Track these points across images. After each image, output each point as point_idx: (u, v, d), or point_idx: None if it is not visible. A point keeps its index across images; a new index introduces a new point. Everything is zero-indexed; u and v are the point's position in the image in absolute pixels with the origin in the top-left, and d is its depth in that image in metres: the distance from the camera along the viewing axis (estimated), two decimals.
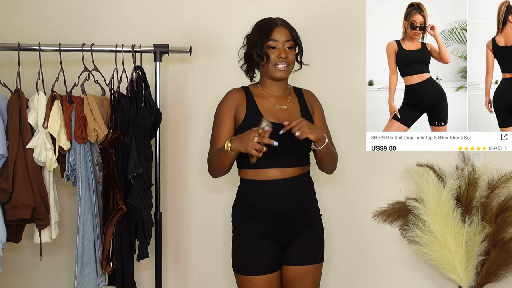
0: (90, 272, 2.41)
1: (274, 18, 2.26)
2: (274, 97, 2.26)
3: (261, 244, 2.16)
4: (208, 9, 2.80)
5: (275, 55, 2.18)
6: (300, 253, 2.20)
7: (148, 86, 2.51)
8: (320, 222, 2.30)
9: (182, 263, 2.86)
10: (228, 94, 2.27)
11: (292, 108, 2.26)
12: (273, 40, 2.18)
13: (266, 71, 2.22)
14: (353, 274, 2.88)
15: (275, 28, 2.20)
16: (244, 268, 2.17)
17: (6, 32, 2.74)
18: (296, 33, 2.25)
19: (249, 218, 2.19)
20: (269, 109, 2.22)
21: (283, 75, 2.20)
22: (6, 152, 2.30)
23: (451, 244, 2.62)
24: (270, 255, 2.17)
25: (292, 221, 2.19)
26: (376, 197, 2.85)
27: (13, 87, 2.42)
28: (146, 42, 2.59)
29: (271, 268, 2.16)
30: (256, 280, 2.14)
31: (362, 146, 2.70)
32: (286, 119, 2.15)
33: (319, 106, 2.36)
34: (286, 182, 2.17)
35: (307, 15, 2.82)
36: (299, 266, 2.20)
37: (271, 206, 2.16)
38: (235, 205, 2.27)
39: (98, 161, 2.46)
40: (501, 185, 2.75)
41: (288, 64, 2.20)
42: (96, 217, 2.43)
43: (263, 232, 2.17)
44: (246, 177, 2.22)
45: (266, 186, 2.17)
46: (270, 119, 2.14)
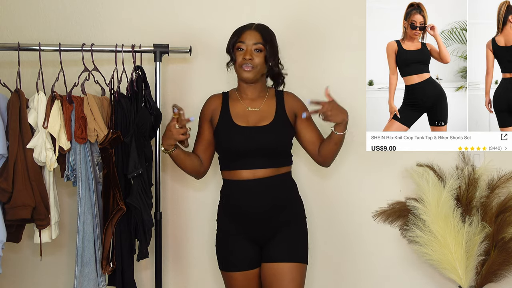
0: (90, 272, 2.41)
1: (253, 23, 2.32)
2: (248, 100, 2.34)
3: (239, 243, 2.27)
4: (208, 9, 2.80)
5: (241, 57, 2.25)
6: (276, 251, 2.25)
7: (148, 86, 2.51)
8: (301, 223, 2.34)
9: (182, 263, 2.86)
10: (207, 100, 2.41)
11: (266, 110, 2.32)
12: (241, 42, 2.27)
13: (236, 72, 2.32)
14: (353, 274, 2.88)
15: (246, 31, 2.28)
16: (225, 265, 2.30)
17: (6, 32, 2.74)
18: (271, 37, 2.29)
19: (229, 217, 2.30)
20: (240, 112, 2.32)
21: (249, 76, 2.27)
22: (6, 152, 2.30)
23: (451, 244, 2.62)
24: (247, 253, 2.26)
25: (267, 221, 2.26)
26: (376, 197, 2.85)
27: (13, 87, 2.42)
28: (146, 42, 2.59)
29: (249, 265, 2.26)
30: (236, 275, 2.26)
31: (362, 146, 2.71)
32: (256, 121, 2.28)
33: (303, 107, 2.38)
34: (257, 183, 2.25)
35: (307, 14, 2.82)
36: (274, 263, 2.24)
37: (245, 206, 2.26)
38: (219, 204, 2.38)
39: (98, 161, 2.46)
40: (501, 185, 2.75)
41: (254, 66, 2.26)
42: (96, 217, 2.43)
43: (241, 231, 2.27)
44: (224, 177, 2.35)
45: (239, 186, 2.27)
46: (240, 121, 2.28)
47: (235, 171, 2.27)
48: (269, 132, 2.27)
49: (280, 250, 2.24)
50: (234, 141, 2.25)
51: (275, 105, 2.34)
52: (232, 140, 2.26)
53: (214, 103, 2.37)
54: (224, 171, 2.34)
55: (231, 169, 2.29)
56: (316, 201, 2.82)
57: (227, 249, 2.30)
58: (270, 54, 2.29)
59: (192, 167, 2.31)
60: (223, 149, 2.31)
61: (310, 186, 2.80)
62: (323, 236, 2.84)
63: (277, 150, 2.28)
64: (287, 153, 2.35)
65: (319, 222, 2.82)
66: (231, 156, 2.28)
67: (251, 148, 2.24)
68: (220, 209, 2.37)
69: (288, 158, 2.35)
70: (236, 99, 2.35)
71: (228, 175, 2.31)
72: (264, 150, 2.25)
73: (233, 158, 2.27)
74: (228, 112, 2.32)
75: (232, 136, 2.26)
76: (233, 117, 2.30)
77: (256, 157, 2.24)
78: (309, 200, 2.78)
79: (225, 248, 2.31)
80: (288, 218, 2.30)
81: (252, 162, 2.25)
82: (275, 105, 2.34)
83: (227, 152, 2.29)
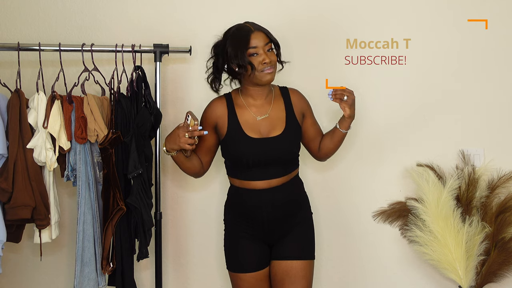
0: (90, 272, 2.41)
1: (244, 24, 2.21)
2: (256, 107, 2.25)
3: (249, 244, 2.24)
4: (208, 9, 2.80)
5: (259, 61, 2.14)
6: (288, 248, 2.24)
7: (148, 86, 2.51)
8: (309, 221, 2.34)
9: (182, 263, 2.86)
10: (209, 105, 2.30)
11: (275, 115, 2.25)
12: (253, 47, 2.14)
13: (251, 79, 2.19)
14: (353, 274, 2.88)
15: (251, 35, 2.14)
16: (234, 266, 2.27)
17: (6, 32, 2.74)
18: (271, 33, 2.22)
19: (238, 219, 2.27)
20: (250, 122, 2.23)
21: (270, 78, 2.19)
22: (6, 152, 2.30)
23: (451, 244, 2.62)
24: (257, 254, 2.24)
25: (279, 224, 2.25)
26: (376, 197, 2.85)
27: (13, 87, 2.41)
28: (146, 42, 2.59)
29: (260, 266, 2.24)
30: (246, 277, 2.23)
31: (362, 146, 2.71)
32: (268, 131, 2.21)
33: (308, 106, 2.37)
34: (272, 191, 2.22)
35: (307, 14, 2.82)
36: (287, 261, 2.23)
37: (258, 212, 2.22)
38: (226, 205, 2.35)
39: (98, 161, 2.46)
40: (501, 185, 2.75)
41: (273, 66, 2.19)
42: (96, 217, 2.43)
43: (250, 233, 2.25)
44: (234, 183, 2.30)
45: (251, 194, 2.22)
46: (251, 132, 2.20)
47: (248, 181, 2.23)
48: (283, 142, 2.22)
49: (292, 248, 2.23)
50: (247, 153, 2.19)
51: (284, 108, 2.28)
52: (245, 152, 2.19)
53: (218, 109, 2.26)
54: (234, 179, 2.29)
55: (243, 179, 2.24)
56: (316, 201, 2.82)
57: (236, 250, 2.27)
58: (279, 50, 2.25)
59: (193, 169, 2.27)
60: (234, 160, 2.24)
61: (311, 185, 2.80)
62: (322, 236, 2.84)
63: (291, 158, 2.27)
64: (297, 156, 2.33)
65: (318, 222, 2.82)
66: (243, 167, 2.23)
67: (265, 160, 2.19)
68: (227, 211, 2.33)
69: (297, 160, 2.34)
70: (243, 106, 2.26)
71: (240, 184, 2.26)
72: (278, 160, 2.21)
73: (244, 168, 2.22)
74: (236, 121, 2.23)
75: (244, 148, 2.20)
76: (243, 127, 2.22)
77: (270, 167, 2.21)
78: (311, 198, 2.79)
79: (234, 249, 2.28)
80: (300, 218, 2.29)
81: (266, 172, 2.21)
82: (284, 109, 2.28)
83: (239, 163, 2.23)
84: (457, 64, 2.81)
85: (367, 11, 2.81)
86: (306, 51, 2.80)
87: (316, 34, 2.80)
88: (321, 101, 2.58)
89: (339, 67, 2.80)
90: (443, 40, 2.80)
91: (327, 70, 2.80)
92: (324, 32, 2.80)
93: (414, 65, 2.81)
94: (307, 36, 2.80)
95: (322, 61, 2.81)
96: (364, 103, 2.64)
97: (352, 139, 2.81)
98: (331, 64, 2.81)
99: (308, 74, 2.80)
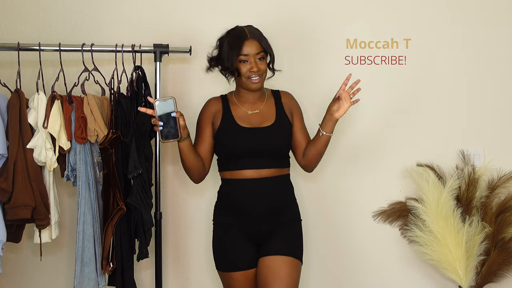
0: (90, 272, 2.41)
1: (243, 28, 2.25)
2: (249, 104, 2.33)
3: (238, 242, 2.26)
4: (208, 9, 2.80)
5: (247, 68, 2.22)
6: (273, 245, 2.24)
7: (148, 86, 2.51)
8: (297, 226, 2.34)
9: (182, 263, 2.86)
10: (206, 103, 2.37)
11: (266, 111, 2.32)
12: (244, 54, 2.21)
13: (240, 83, 2.28)
14: (354, 274, 2.88)
15: (245, 41, 2.21)
16: (226, 265, 2.28)
17: (6, 32, 2.74)
18: (267, 41, 2.27)
19: (226, 217, 2.29)
20: (242, 114, 2.31)
21: (257, 86, 2.26)
22: (6, 152, 2.30)
23: (451, 244, 2.62)
24: (247, 252, 2.25)
25: (267, 219, 2.26)
26: (376, 197, 2.85)
27: (13, 87, 2.41)
28: (146, 42, 2.59)
29: (249, 264, 2.25)
30: (236, 275, 2.24)
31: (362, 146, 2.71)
32: (259, 122, 2.28)
33: (298, 108, 2.40)
34: (262, 182, 2.25)
35: (307, 14, 2.82)
36: (270, 256, 2.22)
37: (247, 204, 2.25)
38: (215, 204, 2.37)
39: (98, 161, 2.46)
40: (501, 185, 2.75)
41: (261, 75, 2.25)
42: (96, 217, 2.43)
43: (239, 231, 2.26)
44: (224, 176, 2.33)
45: (242, 185, 2.26)
46: (243, 123, 2.27)
47: (239, 170, 2.26)
48: (273, 132, 2.27)
49: (278, 246, 2.24)
50: (239, 141, 2.24)
51: (274, 105, 2.34)
52: (236, 140, 2.24)
53: (214, 106, 2.34)
54: (224, 172, 2.32)
55: (234, 169, 2.27)
56: (316, 201, 2.82)
57: (226, 248, 2.28)
58: (272, 59, 2.30)
59: (196, 163, 2.25)
60: (227, 150, 2.27)
61: (309, 187, 2.80)
62: (323, 236, 2.84)
63: (281, 150, 2.29)
64: (288, 154, 2.35)
65: (319, 222, 2.82)
66: (234, 157, 2.26)
67: (256, 148, 2.23)
68: (217, 209, 2.35)
69: (288, 160, 2.36)
70: (236, 104, 2.33)
71: (230, 175, 2.29)
72: (269, 150, 2.25)
73: (236, 158, 2.26)
74: (230, 114, 2.30)
75: (237, 136, 2.25)
76: (235, 119, 2.29)
77: (261, 157, 2.24)
78: (308, 200, 2.79)
79: (223, 248, 2.29)
80: (288, 218, 2.30)
81: (257, 161, 2.24)
82: (274, 106, 2.34)
83: (231, 153, 2.26)
84: (457, 64, 2.82)
85: (367, 11, 2.81)
86: (306, 51, 2.80)
87: (316, 34, 2.80)
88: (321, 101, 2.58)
89: (339, 67, 2.80)
90: (443, 40, 2.80)
91: (327, 70, 2.80)
92: (324, 32, 2.81)
93: (414, 65, 2.81)
94: (307, 36, 2.80)
95: (322, 61, 2.81)
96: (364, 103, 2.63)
97: (352, 139, 2.81)
98: (331, 64, 2.81)
99: (309, 74, 2.80)
